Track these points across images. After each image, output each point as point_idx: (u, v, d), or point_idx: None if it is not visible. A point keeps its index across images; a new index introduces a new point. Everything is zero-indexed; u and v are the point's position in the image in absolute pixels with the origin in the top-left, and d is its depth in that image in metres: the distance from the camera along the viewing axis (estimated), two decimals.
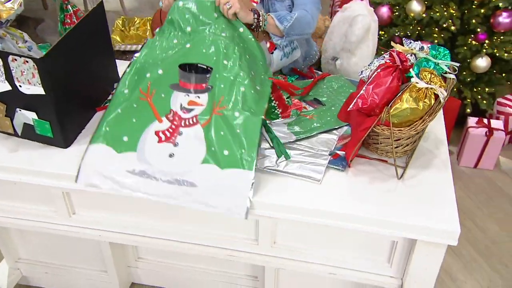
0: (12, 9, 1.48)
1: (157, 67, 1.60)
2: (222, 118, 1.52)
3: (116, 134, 1.54)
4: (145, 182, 1.48)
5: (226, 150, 1.48)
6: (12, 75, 1.46)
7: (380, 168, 1.55)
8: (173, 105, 1.56)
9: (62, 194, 1.66)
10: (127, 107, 1.56)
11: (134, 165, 1.50)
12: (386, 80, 1.41)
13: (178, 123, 1.54)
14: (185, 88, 1.58)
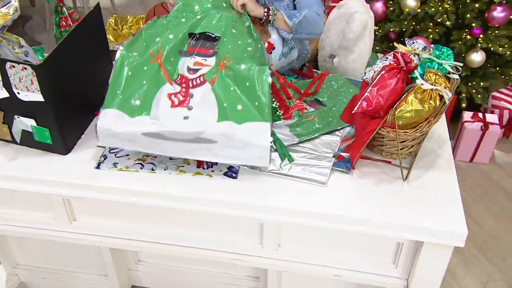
0: (8, 14, 1.44)
1: (167, 32, 1.59)
2: (229, 74, 1.50)
3: (127, 98, 1.51)
4: (164, 142, 1.48)
5: (239, 104, 1.47)
6: (10, 82, 1.44)
7: (385, 169, 1.55)
8: (180, 69, 1.55)
9: (63, 201, 1.64)
10: (137, 70, 1.52)
11: (149, 128, 1.47)
12: (391, 82, 1.40)
13: (186, 85, 1.52)
14: (193, 52, 1.57)
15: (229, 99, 1.48)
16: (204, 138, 1.45)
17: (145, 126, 1.47)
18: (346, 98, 1.84)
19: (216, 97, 1.49)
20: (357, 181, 1.51)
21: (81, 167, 1.57)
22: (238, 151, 1.46)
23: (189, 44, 1.58)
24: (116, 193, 1.52)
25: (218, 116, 1.47)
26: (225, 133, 1.45)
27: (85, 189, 1.54)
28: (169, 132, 1.46)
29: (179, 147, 1.47)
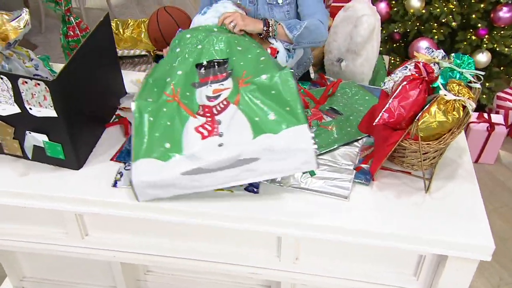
0: (18, 28, 1.40)
1: (175, 70, 1.54)
2: (252, 88, 1.47)
3: (156, 144, 1.45)
4: (206, 177, 1.42)
5: (271, 114, 1.43)
6: (21, 97, 1.39)
7: (405, 180, 1.52)
8: (199, 101, 1.50)
9: (75, 216, 1.60)
10: (157, 113, 1.47)
11: (187, 166, 1.41)
12: (413, 93, 1.37)
13: (211, 114, 1.47)
14: (206, 82, 1.53)
15: (258, 112, 1.44)
16: (245, 159, 1.39)
17: (182, 165, 1.41)
18: (362, 106, 1.81)
19: (245, 114, 1.45)
20: (377, 193, 1.49)
21: (94, 182, 1.53)
22: (282, 162, 1.41)
23: (200, 74, 1.53)
24: (132, 209, 1.49)
25: (253, 133, 1.42)
26: (265, 147, 1.40)
27: (99, 205, 1.50)
28: (208, 163, 1.40)
29: (223, 176, 1.41)
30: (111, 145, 1.67)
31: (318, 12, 1.87)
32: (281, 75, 1.45)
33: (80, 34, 1.74)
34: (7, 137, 1.51)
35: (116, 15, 4.64)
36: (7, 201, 1.52)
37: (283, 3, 1.85)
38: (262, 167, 1.41)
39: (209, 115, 1.47)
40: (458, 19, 2.82)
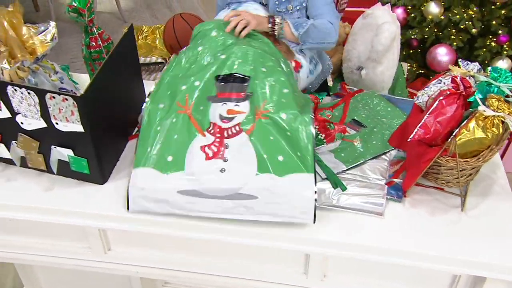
0: (45, 41, 1.37)
1: (191, 78, 1.49)
2: (269, 122, 1.41)
3: (160, 154, 1.42)
4: (201, 201, 1.38)
5: (280, 155, 1.37)
6: (48, 112, 1.36)
7: (438, 197, 1.49)
8: (212, 118, 1.44)
9: (99, 231, 1.57)
10: (166, 123, 1.44)
11: (184, 186, 1.37)
12: (450, 108, 1.34)
13: (221, 135, 1.41)
14: (223, 98, 1.47)
15: (269, 150, 1.38)
16: (244, 194, 1.35)
17: (180, 183, 1.37)
18: (385, 118, 1.77)
19: (255, 148, 1.39)
20: (410, 211, 1.45)
21: (119, 197, 1.50)
22: (280, 207, 1.35)
23: (217, 87, 1.48)
24: (157, 226, 1.46)
25: (258, 169, 1.36)
26: (266, 187, 1.34)
27: (124, 222, 1.47)
28: (206, 188, 1.36)
29: (217, 205, 1.36)
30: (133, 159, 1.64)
31: (327, 13, 1.83)
32: (302, 121, 1.41)
33: (102, 45, 1.71)
34: (32, 151, 1.48)
35: (126, 19, 4.61)
36: (32, 216, 1.50)
37: (293, 10, 1.82)
38: (258, 207, 1.36)
39: (218, 136, 1.42)
40: (478, 25, 2.77)
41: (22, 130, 1.44)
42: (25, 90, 1.32)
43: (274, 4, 1.82)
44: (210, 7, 4.92)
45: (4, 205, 1.49)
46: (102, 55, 1.73)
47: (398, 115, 1.78)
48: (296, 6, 1.82)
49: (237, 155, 1.39)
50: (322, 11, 1.84)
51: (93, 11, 1.64)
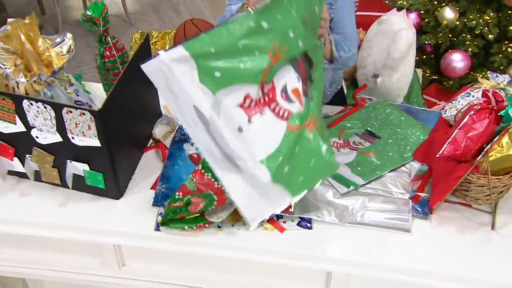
0: (62, 54, 1.32)
1: (297, 36, 1.24)
2: (308, 136, 1.29)
3: (213, 57, 1.16)
4: (202, 131, 1.20)
5: (288, 166, 1.26)
6: (65, 126, 1.32)
7: (466, 214, 1.44)
8: (276, 79, 1.24)
9: (113, 246, 1.52)
10: (252, 42, 1.17)
11: (204, 106, 1.16)
12: (481, 124, 1.29)
13: (268, 101, 1.23)
14: (300, 71, 1.28)
15: (286, 155, 1.25)
16: (238, 166, 1.22)
17: (202, 100, 1.17)
18: (400, 128, 1.72)
19: (280, 143, 1.25)
20: (438, 229, 1.40)
21: (135, 214, 1.45)
22: (252, 198, 1.26)
23: (301, 57, 1.28)
24: (177, 244, 1.41)
25: (265, 159, 1.22)
26: (257, 176, 1.22)
27: (141, 239, 1.43)
28: (215, 130, 1.19)
29: (212, 148, 1.21)
30: (150, 171, 1.60)
31: (351, 36, 1.83)
32: (328, 161, 1.32)
33: (116, 55, 1.66)
34: (46, 165, 1.44)
35: (132, 22, 4.57)
36: (46, 233, 1.45)
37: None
38: (240, 181, 1.25)
39: (266, 100, 1.24)
40: (494, 31, 2.72)
41: (37, 144, 1.40)
42: (42, 104, 1.27)
43: None
44: (216, 10, 4.88)
45: (18, 220, 1.45)
46: (116, 65, 1.68)
47: (413, 124, 1.73)
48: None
49: (261, 132, 1.23)
50: (348, 31, 1.82)
51: (108, 20, 1.59)
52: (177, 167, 1.60)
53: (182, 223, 1.39)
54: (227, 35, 1.15)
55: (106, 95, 1.30)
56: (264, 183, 1.23)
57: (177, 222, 1.40)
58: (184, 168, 1.59)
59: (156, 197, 1.50)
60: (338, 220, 1.41)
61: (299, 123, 1.26)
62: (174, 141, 1.68)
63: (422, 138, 1.63)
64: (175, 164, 1.60)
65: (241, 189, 1.25)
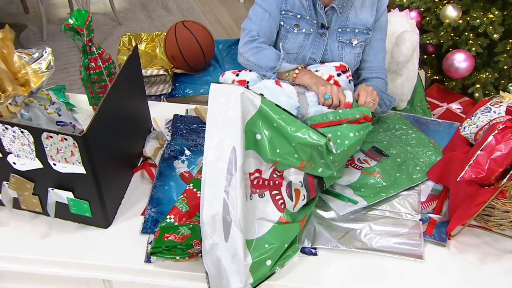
0: (40, 71, 1.18)
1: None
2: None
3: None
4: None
5: (270, 260, 1.22)
6: (45, 152, 1.18)
7: (488, 239, 1.32)
8: (287, 173, 1.32)
9: (103, 281, 1.39)
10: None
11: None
12: (506, 145, 1.17)
13: (273, 186, 1.29)
14: (309, 186, 1.36)
15: (272, 249, 1.23)
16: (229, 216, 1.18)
17: (240, 144, 1.18)
18: (410, 146, 1.60)
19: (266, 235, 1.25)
20: (457, 256, 1.29)
21: (125, 244, 1.32)
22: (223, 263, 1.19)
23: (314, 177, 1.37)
24: (172, 278, 1.29)
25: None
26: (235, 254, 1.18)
27: (131, 273, 1.29)
28: (236, 181, 1.17)
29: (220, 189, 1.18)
30: (142, 193, 1.47)
31: (384, 68, 1.73)
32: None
33: (102, 66, 1.52)
34: (26, 192, 1.30)
35: (120, 20, 4.40)
36: (27, 268, 1.31)
37: (356, 45, 1.63)
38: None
39: (271, 184, 1.30)
40: (499, 30, 2.60)
41: (15, 170, 1.26)
42: (18, 129, 1.14)
43: (335, 32, 1.62)
44: (207, 8, 4.72)
45: None
46: (103, 77, 1.54)
47: (424, 143, 1.61)
48: (360, 42, 1.63)
49: (253, 211, 1.25)
50: (382, 65, 1.73)
51: (92, 29, 1.45)
52: (167, 187, 1.47)
53: (174, 254, 1.26)
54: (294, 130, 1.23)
55: (92, 117, 1.16)
56: (242, 264, 1.17)
57: (169, 252, 1.27)
58: (175, 189, 1.46)
59: (145, 222, 1.37)
60: (344, 246, 1.29)
61: (290, 219, 1.28)
62: (163, 159, 1.55)
63: (434, 158, 1.52)
64: (165, 185, 1.47)
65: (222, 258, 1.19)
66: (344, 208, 1.38)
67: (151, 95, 2.39)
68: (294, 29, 1.60)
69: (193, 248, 1.21)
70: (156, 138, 1.64)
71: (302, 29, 1.60)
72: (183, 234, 1.24)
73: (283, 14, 1.60)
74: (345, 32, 1.61)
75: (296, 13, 1.59)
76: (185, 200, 1.34)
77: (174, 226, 1.27)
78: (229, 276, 1.17)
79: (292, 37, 1.61)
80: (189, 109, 1.77)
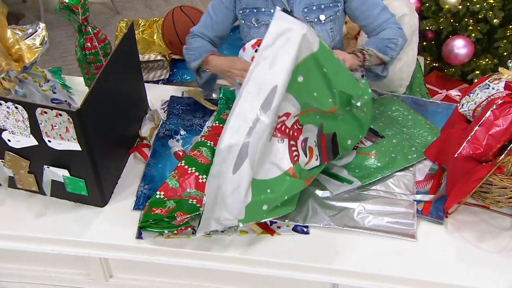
0: (34, 47, 1.17)
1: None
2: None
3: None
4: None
5: (267, 205, 1.22)
6: (39, 129, 1.17)
7: (485, 217, 1.32)
8: (305, 128, 1.33)
9: (100, 259, 1.39)
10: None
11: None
12: (504, 120, 1.16)
13: (291, 136, 1.28)
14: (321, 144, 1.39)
15: (272, 196, 1.24)
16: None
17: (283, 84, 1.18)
18: (406, 127, 1.59)
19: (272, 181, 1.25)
20: (454, 235, 1.28)
21: (121, 222, 1.32)
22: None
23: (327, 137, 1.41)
24: (166, 255, 1.28)
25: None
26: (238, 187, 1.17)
27: (127, 251, 1.29)
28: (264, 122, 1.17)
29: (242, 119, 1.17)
30: (138, 174, 1.46)
31: (388, 18, 1.64)
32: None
33: (98, 46, 1.51)
34: (21, 170, 1.30)
35: (118, 10, 4.39)
36: (23, 246, 1.31)
37: (326, 20, 1.60)
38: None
39: (291, 133, 1.29)
40: (500, 15, 2.59)
41: (10, 148, 1.25)
42: (12, 105, 1.13)
43: (301, 12, 1.60)
44: None
45: None
46: (98, 57, 1.54)
47: (420, 124, 1.60)
48: (329, 16, 1.60)
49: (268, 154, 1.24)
50: (384, 17, 1.64)
51: (87, 8, 1.44)
52: (161, 165, 1.47)
53: (161, 228, 1.26)
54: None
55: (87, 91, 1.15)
56: (240, 200, 1.16)
57: (156, 226, 1.26)
58: (169, 167, 1.46)
59: (138, 199, 1.37)
60: (336, 224, 1.29)
61: (298, 175, 1.27)
62: (158, 137, 1.55)
63: (430, 139, 1.51)
64: (158, 163, 1.48)
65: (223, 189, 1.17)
66: (338, 188, 1.38)
67: (149, 81, 2.38)
68: (254, 24, 1.61)
69: (176, 220, 1.21)
70: (153, 119, 1.63)
71: (262, 22, 1.60)
72: (169, 207, 1.25)
73: (241, 13, 1.63)
74: (311, 10, 1.59)
75: (252, 8, 1.60)
76: (175, 177, 1.35)
77: (162, 201, 1.28)
78: (222, 207, 1.17)
79: (255, 32, 1.62)
80: (184, 91, 1.77)
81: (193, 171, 1.36)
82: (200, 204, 1.24)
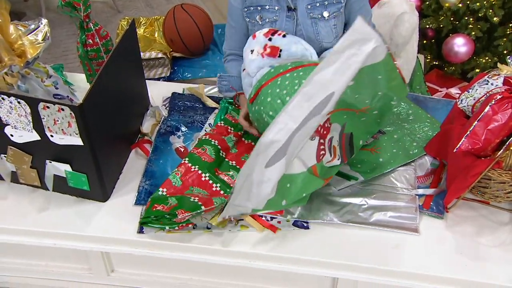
0: (36, 42, 1.18)
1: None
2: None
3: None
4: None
5: (284, 200, 1.21)
6: (42, 124, 1.18)
7: (484, 212, 1.33)
8: (333, 127, 1.31)
9: (101, 253, 1.40)
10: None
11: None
12: (503, 115, 1.17)
13: (322, 135, 1.27)
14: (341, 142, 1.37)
15: (290, 189, 1.23)
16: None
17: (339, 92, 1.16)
18: (407, 122, 1.60)
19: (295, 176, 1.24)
20: (454, 229, 1.29)
21: (123, 217, 1.33)
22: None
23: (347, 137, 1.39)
24: (167, 249, 1.29)
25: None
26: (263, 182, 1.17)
27: (129, 245, 1.30)
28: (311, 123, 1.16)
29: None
30: (139, 169, 1.47)
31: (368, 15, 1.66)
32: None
33: (100, 43, 1.52)
34: (24, 165, 1.31)
35: (119, 8, 4.40)
36: (26, 240, 1.32)
37: (329, 17, 1.61)
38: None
39: (321, 131, 1.27)
40: (500, 13, 2.59)
41: (12, 142, 1.26)
42: (15, 99, 1.14)
43: (305, 9, 1.60)
44: None
45: None
46: (100, 54, 1.55)
47: (421, 118, 1.61)
48: (333, 13, 1.61)
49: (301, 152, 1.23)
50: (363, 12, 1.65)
51: (89, 4, 1.45)
52: (162, 161, 1.48)
53: (162, 224, 1.27)
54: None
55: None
56: (266, 193, 1.16)
57: (157, 222, 1.27)
58: (170, 163, 1.47)
59: (139, 194, 1.38)
60: (340, 220, 1.29)
61: (319, 173, 1.26)
62: (159, 133, 1.56)
63: (430, 133, 1.52)
64: (160, 158, 1.49)
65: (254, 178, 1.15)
66: (341, 183, 1.38)
67: (150, 78, 2.39)
68: (258, 21, 1.61)
69: (177, 217, 1.22)
70: (154, 116, 1.64)
71: (266, 19, 1.60)
72: (171, 204, 1.26)
73: (246, 11, 1.62)
74: (315, 7, 1.60)
75: (256, 6, 1.60)
76: (178, 174, 1.36)
77: (164, 197, 1.29)
78: (246, 195, 1.16)
79: (259, 29, 1.61)
80: (185, 88, 1.77)
81: (196, 169, 1.38)
82: (202, 202, 1.26)
